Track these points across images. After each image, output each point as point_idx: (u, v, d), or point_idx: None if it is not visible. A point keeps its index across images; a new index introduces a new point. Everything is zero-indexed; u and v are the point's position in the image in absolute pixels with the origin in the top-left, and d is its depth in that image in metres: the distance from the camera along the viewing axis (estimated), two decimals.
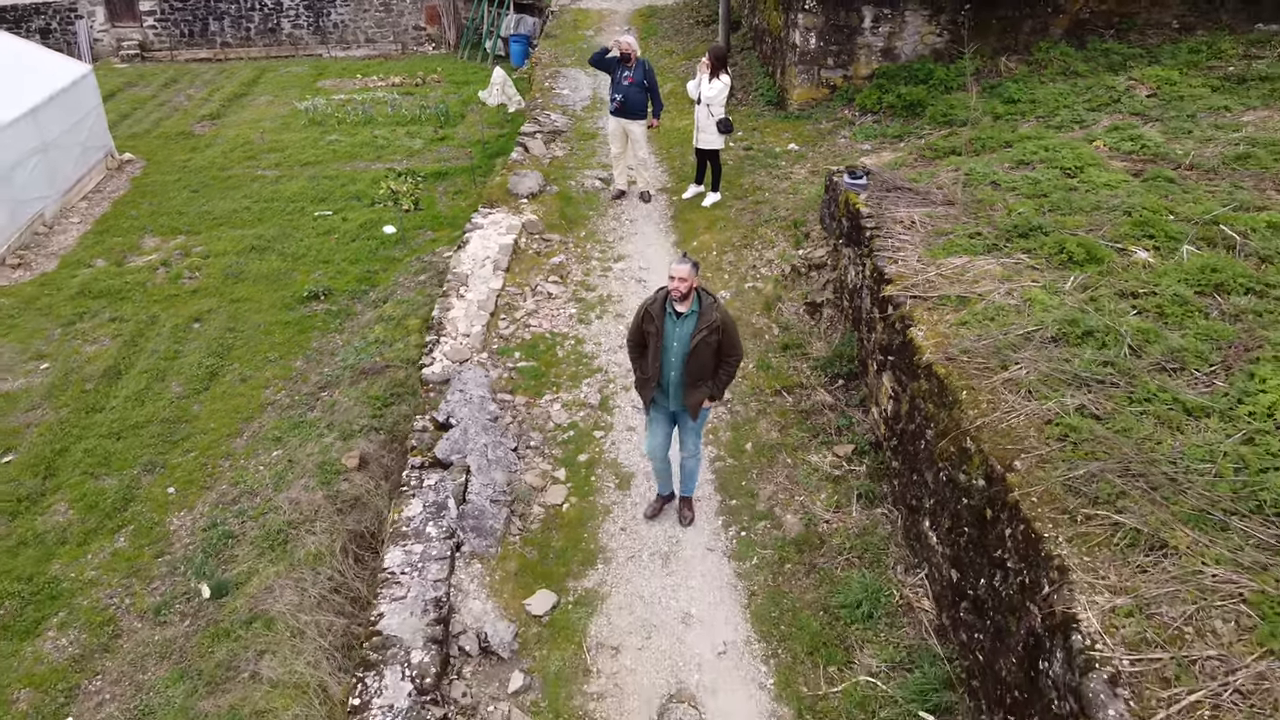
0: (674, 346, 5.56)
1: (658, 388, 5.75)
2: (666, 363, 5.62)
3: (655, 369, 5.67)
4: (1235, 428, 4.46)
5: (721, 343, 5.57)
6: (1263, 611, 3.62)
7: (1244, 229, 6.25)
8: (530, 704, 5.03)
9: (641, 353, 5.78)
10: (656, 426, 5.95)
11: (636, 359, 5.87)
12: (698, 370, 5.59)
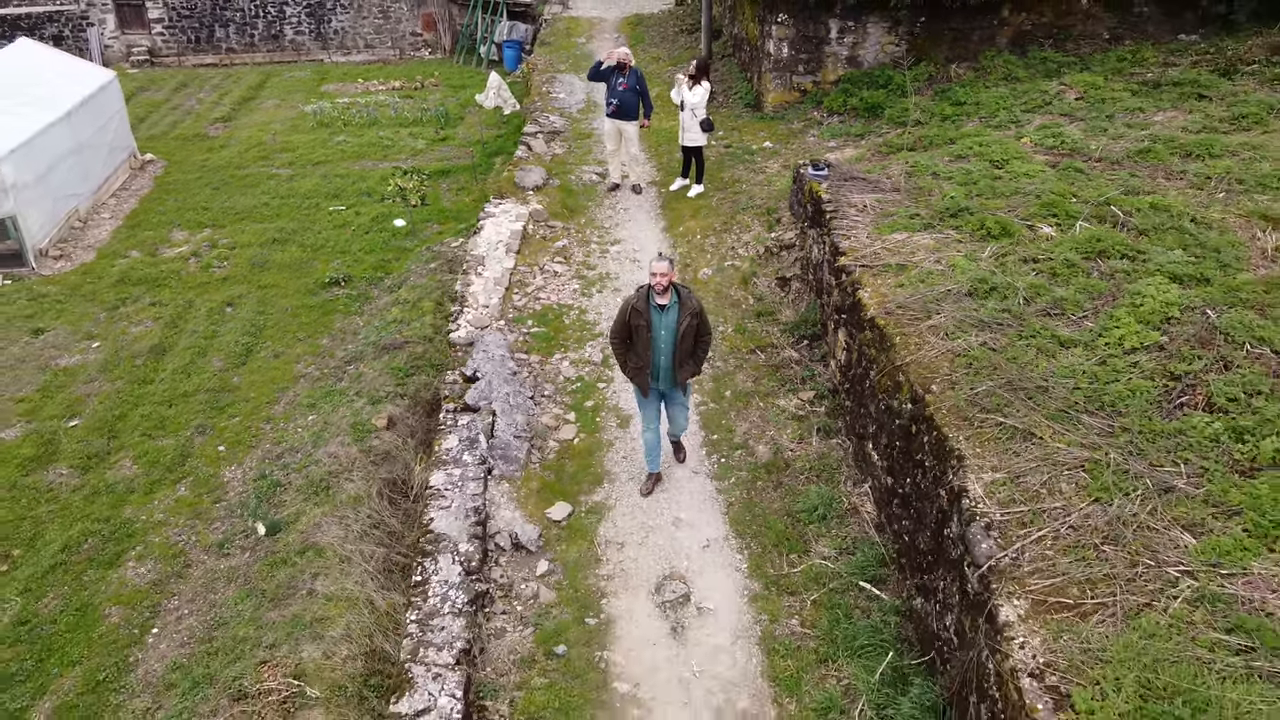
0: (663, 334, 6.48)
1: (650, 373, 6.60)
2: (657, 349, 6.54)
3: (647, 358, 6.55)
4: (1094, 354, 5.88)
5: (699, 326, 6.59)
6: (1093, 475, 5.02)
7: (1129, 209, 7.68)
8: (554, 583, 6.38)
9: (628, 346, 6.61)
10: (648, 408, 6.92)
11: (622, 352, 6.67)
12: (685, 351, 6.58)
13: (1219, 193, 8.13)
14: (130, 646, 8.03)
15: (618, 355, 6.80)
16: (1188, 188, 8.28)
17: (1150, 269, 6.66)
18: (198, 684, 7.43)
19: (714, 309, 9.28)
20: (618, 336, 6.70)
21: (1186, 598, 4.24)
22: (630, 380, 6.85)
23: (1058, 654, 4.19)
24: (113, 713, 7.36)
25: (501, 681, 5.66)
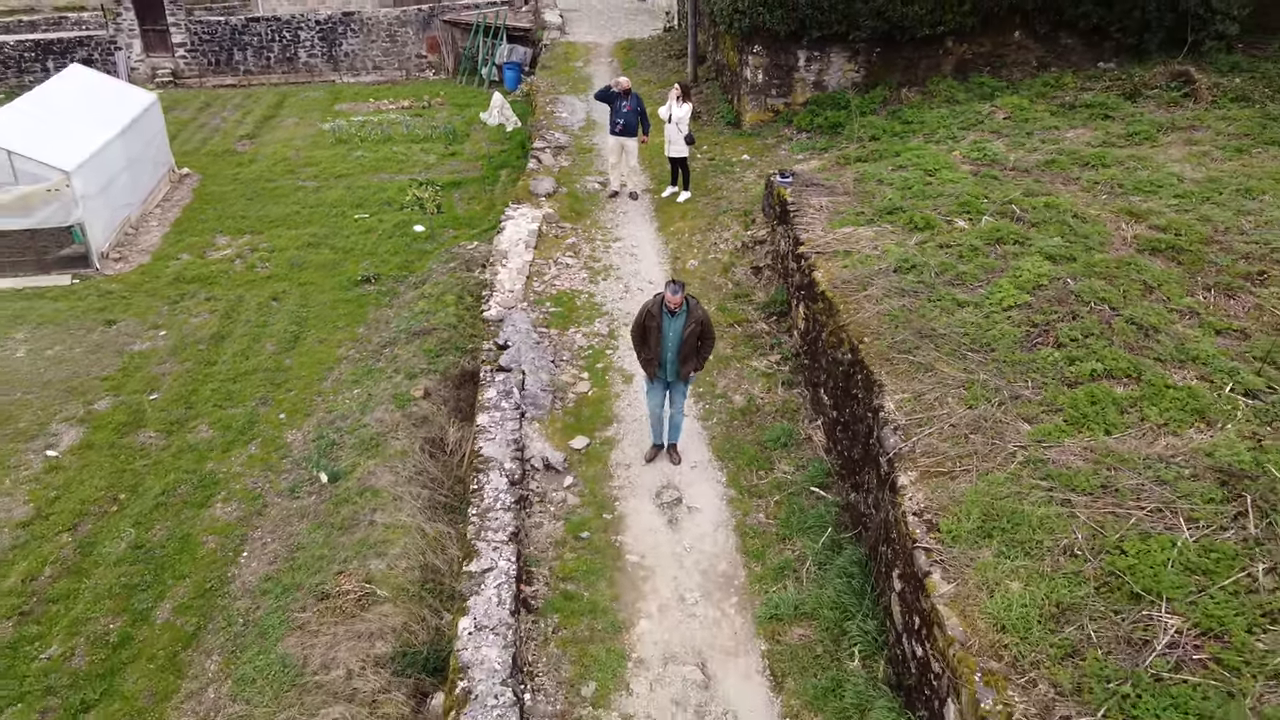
0: (670, 336, 8.07)
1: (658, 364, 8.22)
2: (665, 347, 8.15)
3: (656, 352, 8.17)
4: (980, 311, 7.94)
5: (703, 332, 8.18)
6: (969, 391, 7.07)
7: (1027, 207, 9.79)
8: (578, 492, 8.37)
9: (643, 341, 8.20)
10: (654, 392, 8.57)
11: (638, 345, 8.26)
12: (688, 352, 8.19)
13: (1101, 195, 10.25)
14: (227, 566, 9.95)
15: (635, 347, 8.38)
16: (1078, 191, 10.41)
17: (1032, 251, 8.76)
18: (287, 589, 9.34)
19: (699, 292, 11.32)
20: (635, 333, 8.26)
21: (1019, 462, 6.28)
22: (642, 368, 8.45)
23: (933, 501, 6.22)
24: (221, 611, 9.28)
25: (542, 556, 7.64)
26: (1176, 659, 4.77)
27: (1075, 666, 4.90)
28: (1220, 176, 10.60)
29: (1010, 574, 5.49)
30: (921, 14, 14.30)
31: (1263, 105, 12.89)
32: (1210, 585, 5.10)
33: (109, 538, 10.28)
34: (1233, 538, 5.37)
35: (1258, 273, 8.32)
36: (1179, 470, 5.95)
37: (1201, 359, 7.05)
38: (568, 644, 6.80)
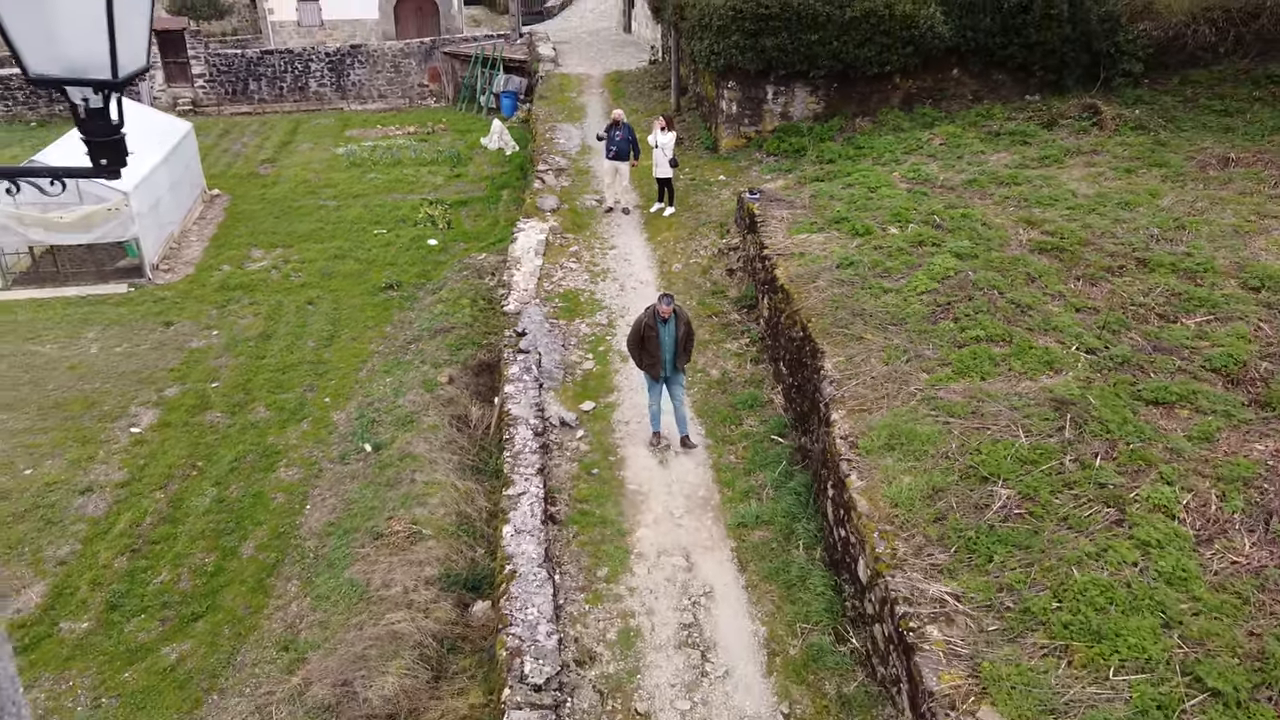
0: (666, 340, 10.15)
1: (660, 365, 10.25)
2: (663, 349, 10.21)
3: (657, 355, 10.18)
4: (900, 296, 10.36)
5: (688, 331, 10.39)
6: (886, 353, 9.45)
7: (946, 217, 12.24)
8: (588, 441, 10.67)
9: (643, 349, 10.17)
10: (655, 390, 10.67)
11: (636, 353, 10.24)
12: (682, 351, 10.38)
13: (1009, 207, 12.73)
14: (294, 515, 12.15)
15: (633, 355, 10.30)
16: (991, 204, 12.88)
17: (945, 250, 11.19)
18: (347, 532, 11.56)
19: (682, 290, 13.70)
20: (632, 342, 10.20)
21: (916, 399, 8.66)
22: (644, 370, 10.36)
23: (854, 429, 8.58)
24: (294, 549, 11.47)
25: (562, 486, 9.92)
26: (1005, 514, 7.13)
27: (940, 524, 7.25)
28: (1108, 192, 13.11)
29: (903, 471, 7.85)
30: (872, 55, 16.85)
31: (1155, 133, 15.47)
32: (1034, 470, 7.46)
33: (194, 495, 12.47)
34: (1054, 442, 7.75)
35: (1118, 267, 10.78)
36: (1027, 401, 8.34)
37: (1060, 328, 9.47)
38: (585, 544, 9.09)
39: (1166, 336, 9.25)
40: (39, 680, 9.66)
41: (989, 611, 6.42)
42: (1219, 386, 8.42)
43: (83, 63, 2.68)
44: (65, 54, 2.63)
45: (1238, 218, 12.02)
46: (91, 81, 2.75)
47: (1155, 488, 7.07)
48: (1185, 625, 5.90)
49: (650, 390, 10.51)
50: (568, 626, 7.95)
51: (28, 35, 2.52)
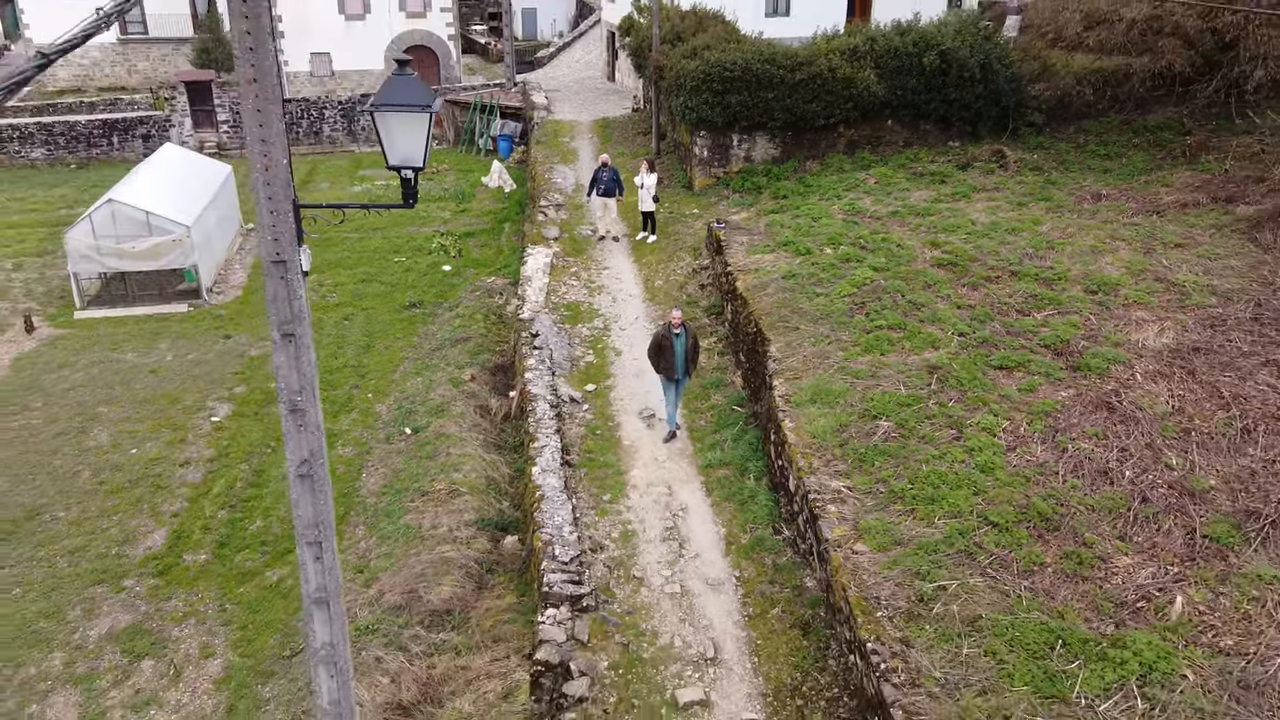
0: (679, 350, 13.27)
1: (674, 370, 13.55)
2: (676, 356, 13.29)
3: (670, 362, 13.26)
4: (828, 299, 13.86)
5: (695, 344, 13.79)
6: (814, 339, 12.92)
7: (870, 241, 15.80)
8: (592, 412, 14.03)
9: (660, 356, 13.24)
10: (669, 390, 14.14)
11: (655, 360, 13.30)
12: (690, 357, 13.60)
13: (921, 232, 16.31)
14: (354, 481, 15.36)
15: (651, 361, 13.22)
16: (907, 231, 16.46)
17: (865, 265, 14.72)
18: (399, 491, 14.79)
19: (665, 302, 17.12)
20: (652, 352, 13.29)
21: (834, 369, 12.10)
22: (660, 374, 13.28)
23: (789, 390, 12.00)
24: (358, 505, 14.66)
25: (573, 443, 13.24)
26: (885, 437, 10.54)
27: (843, 447, 10.65)
28: (1000, 221, 16.74)
29: (820, 415, 11.26)
30: (819, 110, 20.56)
31: (1048, 173, 19.19)
32: (906, 410, 10.90)
33: (272, 467, 15.67)
34: (924, 392, 11.21)
35: (994, 277, 14.34)
36: (910, 368, 11.81)
37: (942, 320, 12.97)
38: (593, 479, 12.41)
39: (1018, 325, 12.79)
40: (175, 594, 12.80)
41: (868, 495, 9.81)
42: (1047, 357, 11.94)
43: (408, 159, 6.05)
44: (402, 155, 6.01)
45: (1096, 240, 15.66)
46: (412, 167, 6.11)
47: (984, 417, 10.54)
48: (986, 493, 9.32)
49: (665, 390, 13.42)
50: (583, 530, 11.24)
51: (392, 148, 5.92)
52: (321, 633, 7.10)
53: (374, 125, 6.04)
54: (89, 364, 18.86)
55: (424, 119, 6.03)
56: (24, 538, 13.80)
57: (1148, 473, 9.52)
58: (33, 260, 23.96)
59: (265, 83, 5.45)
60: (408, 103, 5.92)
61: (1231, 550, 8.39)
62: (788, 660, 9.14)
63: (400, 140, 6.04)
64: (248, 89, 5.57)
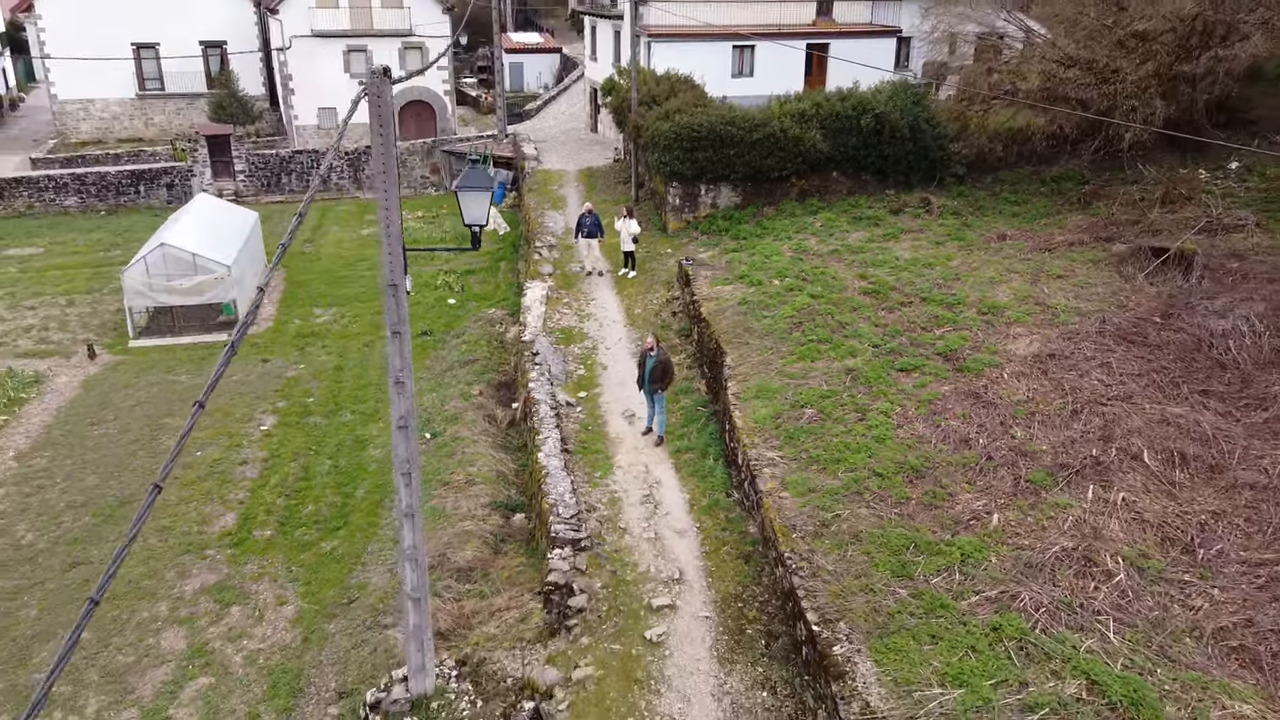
0: (649, 367, 17.05)
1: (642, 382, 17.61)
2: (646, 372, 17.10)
3: (641, 375, 17.46)
4: (773, 320, 17.51)
5: (665, 366, 17.45)
6: (761, 350, 16.52)
7: (810, 273, 19.51)
8: (584, 413, 17.54)
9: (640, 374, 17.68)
10: (646, 397, 17.94)
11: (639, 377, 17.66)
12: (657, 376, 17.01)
13: (854, 267, 20.05)
14: (385, 475, 18.69)
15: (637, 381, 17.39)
16: (842, 266, 20.20)
17: (804, 294, 18.41)
18: (426, 482, 18.14)
19: (642, 327, 20.72)
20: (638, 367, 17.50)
21: (774, 373, 15.70)
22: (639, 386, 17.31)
23: (739, 389, 15.58)
24: (390, 494, 18.00)
25: (570, 435, 16.73)
26: (809, 421, 14.11)
27: (778, 429, 14.20)
28: (920, 258, 20.51)
29: (762, 407, 14.82)
30: (773, 164, 24.42)
31: (965, 218, 23.07)
32: (826, 401, 14.49)
33: (317, 464, 19.01)
34: (840, 388, 14.82)
35: (908, 302, 18.05)
36: (833, 371, 15.43)
37: (861, 335, 16.63)
38: (586, 462, 15.88)
39: (921, 339, 16.47)
40: (249, 560, 16.06)
41: (793, 461, 13.35)
42: (939, 362, 15.59)
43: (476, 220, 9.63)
44: (472, 217, 9.59)
45: (995, 272, 19.44)
46: (479, 225, 9.67)
47: (883, 404, 14.16)
48: (876, 455, 12.90)
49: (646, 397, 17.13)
50: (580, 497, 14.69)
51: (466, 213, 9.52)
52: (408, 538, 10.56)
53: (456, 199, 9.62)
54: (149, 384, 22.19)
55: (486, 196, 9.65)
56: (120, 520, 17.06)
57: (996, 441, 13.14)
58: (83, 297, 27.32)
59: (389, 174, 9.04)
60: (477, 186, 9.54)
61: (1044, 489, 11.98)
62: (733, 579, 12.59)
63: (471, 208, 9.65)
64: (379, 177, 9.17)
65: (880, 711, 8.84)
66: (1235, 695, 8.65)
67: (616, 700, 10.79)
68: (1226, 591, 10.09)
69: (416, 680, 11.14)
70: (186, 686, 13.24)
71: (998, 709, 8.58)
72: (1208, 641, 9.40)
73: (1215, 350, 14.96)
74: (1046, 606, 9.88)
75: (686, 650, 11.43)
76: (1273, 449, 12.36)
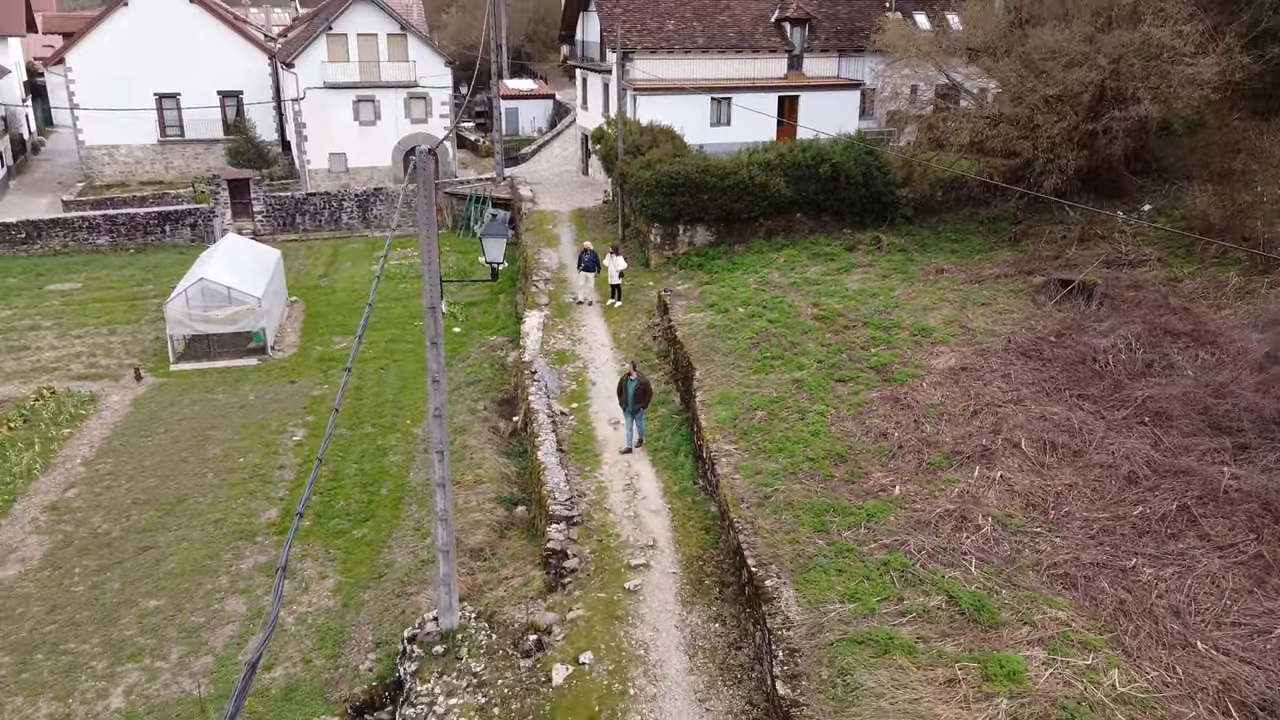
0: (630, 390, 20.39)
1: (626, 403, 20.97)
2: (628, 396, 20.48)
3: (624, 398, 20.79)
4: (736, 340, 20.91)
5: (644, 389, 20.79)
6: (724, 365, 19.90)
7: (770, 302, 22.96)
8: (576, 421, 20.86)
9: (620, 394, 20.89)
10: (627, 418, 21.08)
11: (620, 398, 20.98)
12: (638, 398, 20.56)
13: (809, 296, 23.51)
14: (404, 477, 21.92)
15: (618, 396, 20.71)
16: (799, 295, 23.65)
17: (763, 319, 21.83)
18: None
19: (626, 350, 24.08)
20: (618, 390, 20.81)
21: (735, 384, 19.06)
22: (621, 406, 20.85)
23: (705, 396, 18.92)
24: (410, 492, 21.22)
25: (564, 438, 20.01)
26: (759, 421, 17.45)
27: (735, 428, 17.53)
28: (867, 289, 23.99)
29: (723, 410, 18.17)
30: (743, 207, 27.99)
31: (910, 254, 26.60)
32: (775, 405, 17.83)
33: (344, 468, 22.21)
34: (788, 395, 18.17)
35: (851, 326, 21.48)
36: (783, 382, 18.79)
37: (809, 353, 20.03)
38: (578, 459, 19.15)
39: (859, 356, 19.87)
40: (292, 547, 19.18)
41: (745, 451, 16.66)
42: (871, 374, 18.97)
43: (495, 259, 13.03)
44: (492, 257, 13.00)
45: (929, 301, 22.91)
46: (497, 263, 13.07)
47: (820, 406, 17.52)
48: (811, 446, 16.23)
49: (625, 418, 20.45)
50: (572, 485, 17.93)
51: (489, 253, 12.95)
52: (440, 503, 13.80)
53: (481, 243, 13.02)
54: (191, 402, 25.42)
55: (504, 240, 13.05)
56: (180, 514, 20.21)
57: (908, 434, 16.49)
58: (123, 327, 30.60)
59: (430, 226, 12.44)
60: (498, 234, 12.95)
61: (940, 470, 15.31)
62: (696, 545, 15.84)
63: (492, 250, 13.05)
64: (423, 230, 12.56)
65: (796, 621, 12.09)
66: (1054, 605, 11.94)
67: (601, 632, 13.98)
68: (1066, 540, 13.40)
69: (445, 617, 14.32)
70: (250, 641, 16.35)
71: (878, 614, 11.85)
72: (1044, 572, 12.69)
73: (1096, 363, 18.39)
74: (926, 550, 13.17)
75: (657, 596, 14.65)
76: (1124, 439, 15.72)
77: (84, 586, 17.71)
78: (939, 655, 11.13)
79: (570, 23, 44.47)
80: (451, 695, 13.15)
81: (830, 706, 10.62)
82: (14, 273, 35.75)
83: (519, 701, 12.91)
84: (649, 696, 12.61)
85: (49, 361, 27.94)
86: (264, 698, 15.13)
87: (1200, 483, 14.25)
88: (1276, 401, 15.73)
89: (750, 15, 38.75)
